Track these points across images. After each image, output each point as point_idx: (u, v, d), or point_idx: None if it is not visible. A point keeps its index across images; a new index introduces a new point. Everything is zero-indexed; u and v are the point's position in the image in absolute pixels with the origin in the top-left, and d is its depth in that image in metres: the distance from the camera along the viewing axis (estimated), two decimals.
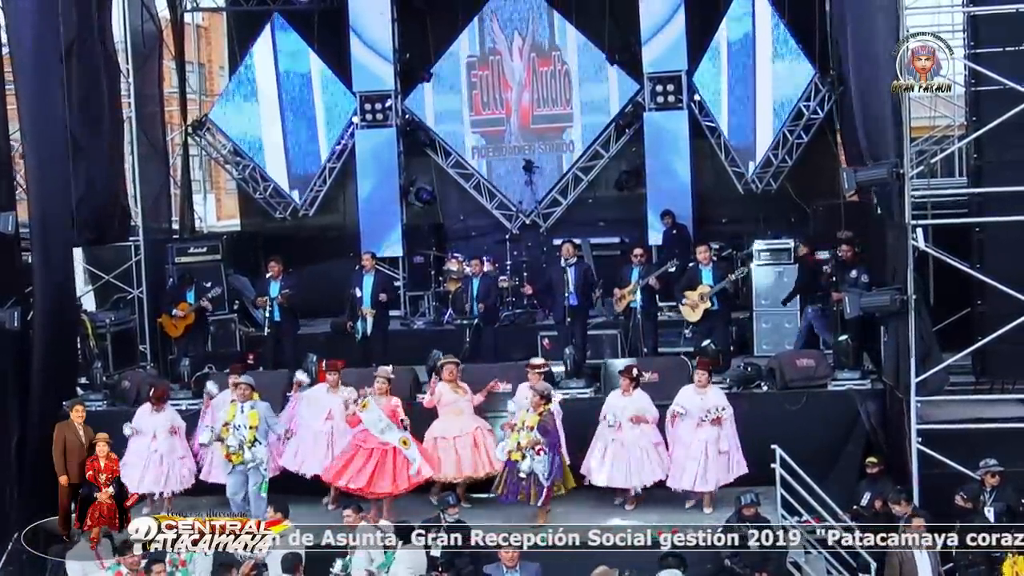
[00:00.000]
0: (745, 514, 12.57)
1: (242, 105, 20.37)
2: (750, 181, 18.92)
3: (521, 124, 20.91)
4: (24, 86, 15.40)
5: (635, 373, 14.07)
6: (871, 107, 13.98)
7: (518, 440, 13.33)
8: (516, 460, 13.31)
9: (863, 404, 14.60)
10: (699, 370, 13.99)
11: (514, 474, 13.37)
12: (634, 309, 16.22)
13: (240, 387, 13.87)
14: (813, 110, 18.33)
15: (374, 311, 16.69)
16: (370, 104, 20.78)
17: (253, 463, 13.70)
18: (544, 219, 20.81)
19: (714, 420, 13.69)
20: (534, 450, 13.20)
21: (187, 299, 17.42)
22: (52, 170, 15.93)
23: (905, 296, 13.23)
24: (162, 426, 14.71)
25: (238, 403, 13.80)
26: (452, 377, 14.25)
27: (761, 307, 17.26)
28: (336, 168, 21.08)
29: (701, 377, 13.92)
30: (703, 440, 13.75)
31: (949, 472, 13.45)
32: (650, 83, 19.97)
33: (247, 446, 13.65)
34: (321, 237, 21.18)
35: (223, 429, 13.77)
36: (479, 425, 14.28)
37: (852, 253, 15.89)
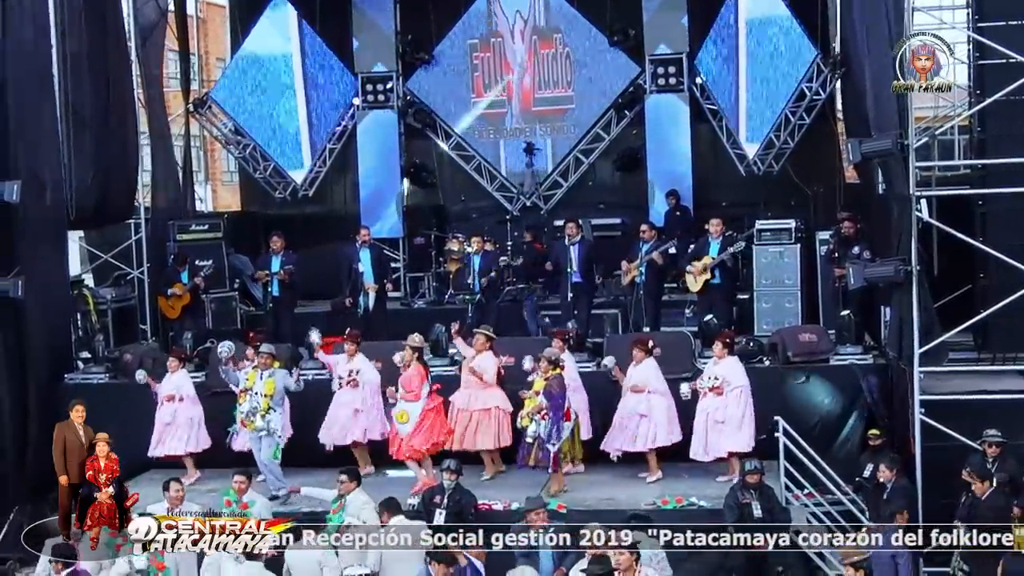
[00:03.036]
0: (749, 481, 12.57)
1: (243, 85, 20.31)
2: (751, 163, 18.93)
3: (522, 106, 20.92)
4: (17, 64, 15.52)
5: (650, 344, 14.22)
6: (878, 78, 13.98)
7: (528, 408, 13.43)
8: (525, 426, 13.41)
9: (865, 379, 14.64)
10: (717, 341, 14.08)
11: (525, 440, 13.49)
12: (638, 285, 16.26)
13: (262, 356, 13.93)
14: (815, 91, 18.31)
15: (376, 285, 16.73)
16: (371, 85, 20.83)
17: (265, 430, 13.72)
18: (545, 201, 20.81)
19: (712, 389, 13.74)
20: (539, 414, 13.26)
21: (181, 279, 17.45)
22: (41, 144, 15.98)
23: (908, 267, 13.25)
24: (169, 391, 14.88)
25: (258, 371, 13.84)
26: (482, 347, 14.29)
27: (762, 287, 17.24)
28: (336, 149, 21.08)
29: (717, 349, 13.99)
30: (704, 411, 13.85)
31: (951, 445, 13.48)
32: (651, 66, 20.04)
33: (260, 413, 13.67)
34: (321, 219, 21.18)
35: (241, 395, 13.80)
36: (499, 402, 14.28)
37: (854, 229, 15.94)
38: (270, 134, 20.50)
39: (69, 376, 16.27)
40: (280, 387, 13.87)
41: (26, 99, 15.74)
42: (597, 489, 13.97)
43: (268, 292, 17.41)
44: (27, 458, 15.20)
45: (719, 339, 14.14)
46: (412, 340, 14.14)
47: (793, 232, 17.23)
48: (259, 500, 12.97)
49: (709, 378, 13.87)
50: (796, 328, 15.65)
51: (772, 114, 18.54)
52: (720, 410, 13.79)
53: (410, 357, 13.93)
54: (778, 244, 17.26)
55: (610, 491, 13.88)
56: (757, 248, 17.21)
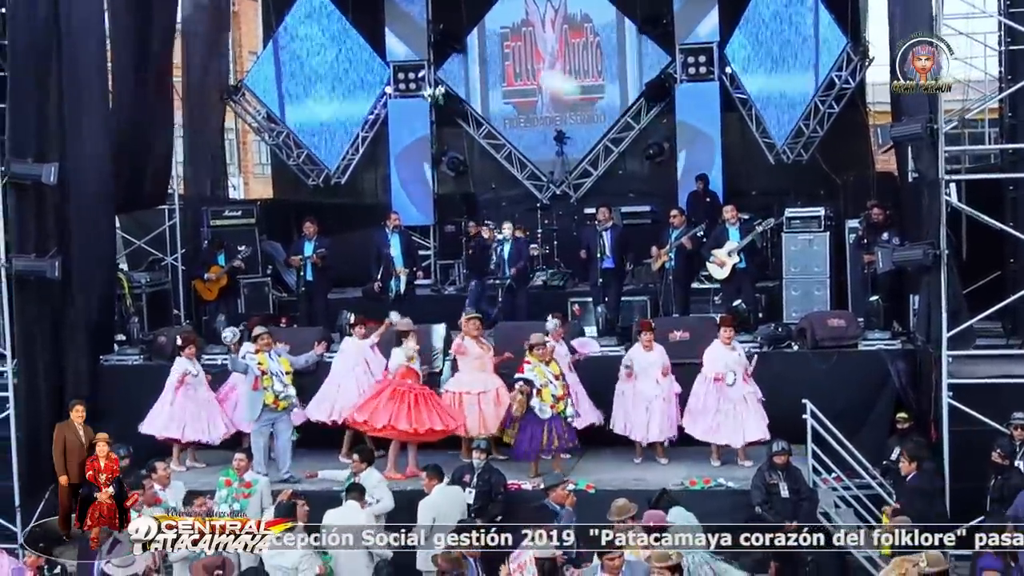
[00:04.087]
0: (776, 462, 12.65)
1: (276, 73, 20.54)
2: (781, 152, 18.97)
3: (553, 95, 21.02)
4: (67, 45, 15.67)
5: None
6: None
7: (552, 394, 13.47)
8: (560, 411, 13.48)
9: (893, 363, 14.67)
10: (724, 327, 14.09)
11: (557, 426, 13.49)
12: (668, 270, 16.36)
13: (262, 337, 14.07)
14: (845, 80, 18.38)
15: (407, 269, 16.90)
16: (403, 74, 20.96)
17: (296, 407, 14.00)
18: (574, 189, 20.92)
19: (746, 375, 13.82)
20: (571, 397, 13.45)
21: (218, 262, 17.62)
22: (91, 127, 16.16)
23: (937, 251, 13.31)
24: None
25: (264, 352, 13.98)
26: (476, 332, 14.32)
27: (791, 274, 17.26)
28: (368, 138, 21.24)
29: (727, 334, 14.02)
30: (741, 396, 13.87)
31: (979, 429, 13.52)
32: (682, 55, 20.09)
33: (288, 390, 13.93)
34: (352, 206, 21.34)
35: (264, 379, 13.91)
36: (500, 383, 14.29)
37: (884, 216, 15.98)
38: (303, 121, 20.69)
39: (104, 358, 16.46)
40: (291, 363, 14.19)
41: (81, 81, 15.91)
42: (626, 471, 14.09)
43: (301, 277, 17.57)
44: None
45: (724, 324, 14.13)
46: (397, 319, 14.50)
47: (823, 220, 17.25)
48: (261, 479, 13.12)
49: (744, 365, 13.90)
50: (824, 313, 15.70)
51: (802, 103, 18.62)
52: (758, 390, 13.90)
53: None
54: (807, 232, 17.28)
55: (639, 472, 14.00)
56: (786, 236, 17.24)
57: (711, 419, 13.96)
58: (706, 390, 13.99)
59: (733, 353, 13.96)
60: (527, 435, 13.56)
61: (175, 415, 14.80)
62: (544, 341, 13.71)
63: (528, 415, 13.48)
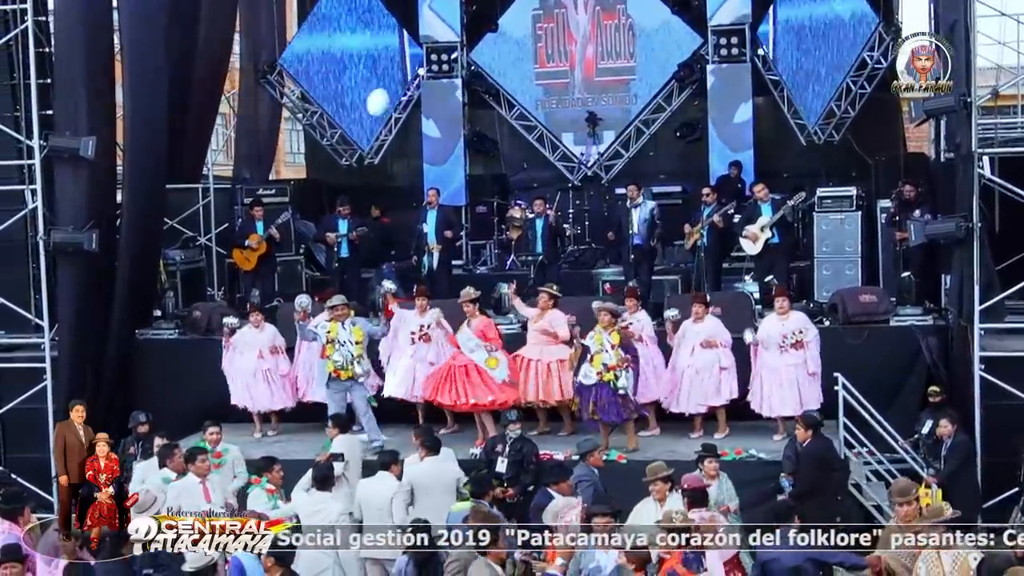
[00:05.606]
0: None
1: (311, 52, 20.71)
2: (812, 133, 18.98)
3: (585, 76, 21.10)
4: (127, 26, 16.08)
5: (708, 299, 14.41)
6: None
7: (603, 362, 13.51)
8: (609, 380, 13.47)
9: (925, 339, 14.70)
10: (778, 297, 14.16)
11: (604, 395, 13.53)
12: (699, 248, 16.43)
13: (337, 307, 14.18)
14: (876, 60, 18.36)
15: (440, 246, 17.01)
16: (436, 55, 21.00)
17: (362, 377, 14.09)
18: (606, 171, 20.95)
19: (795, 344, 13.83)
20: (623, 367, 13.44)
21: (257, 230, 17.73)
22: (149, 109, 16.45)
23: (970, 224, 13.33)
24: (265, 344, 15.19)
25: (338, 322, 14.09)
26: (546, 306, 14.45)
27: (822, 254, 17.27)
28: (401, 119, 21.35)
29: (782, 304, 14.07)
30: (790, 365, 13.90)
31: (1010, 404, 13.56)
32: (713, 36, 20.07)
33: (356, 361, 14.00)
34: (385, 187, 21.46)
35: (328, 347, 14.06)
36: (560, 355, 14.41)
37: (915, 193, 15.99)
38: (337, 102, 20.85)
39: (140, 332, 16.66)
40: (366, 333, 14.22)
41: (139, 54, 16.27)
42: (657, 444, 14.16)
43: (334, 255, 17.69)
44: (98, 405, 15.54)
45: (779, 295, 14.22)
46: (467, 293, 14.40)
47: (855, 199, 17.23)
48: (232, 448, 13.31)
49: (793, 333, 13.94)
50: (856, 289, 15.72)
51: (833, 83, 18.62)
52: (811, 362, 13.89)
53: (472, 309, 14.18)
54: (839, 211, 17.28)
55: (671, 445, 14.07)
56: (818, 215, 17.24)
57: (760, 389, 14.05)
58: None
59: (780, 325, 14.00)
60: (580, 401, 13.77)
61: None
62: (608, 308, 13.76)
63: (577, 381, 13.68)
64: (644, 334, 14.29)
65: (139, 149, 16.21)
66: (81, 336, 15.65)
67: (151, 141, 16.51)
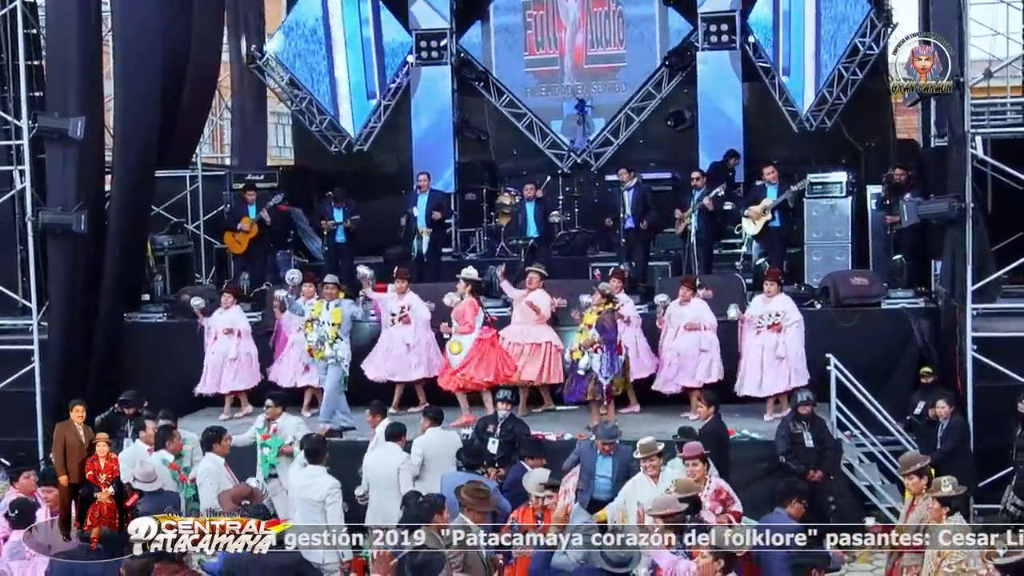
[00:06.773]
0: (801, 412, 12.66)
1: (299, 39, 20.62)
2: (803, 120, 18.96)
3: (574, 64, 21.07)
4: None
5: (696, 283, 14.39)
6: (939, 20, 14.05)
7: (580, 341, 13.56)
8: (577, 359, 13.52)
9: (916, 322, 14.69)
10: (767, 280, 14.16)
11: (575, 373, 13.60)
12: (690, 232, 16.41)
13: (327, 286, 14.19)
14: (868, 46, 18.34)
15: (430, 230, 16.98)
16: (425, 42, 20.94)
17: (333, 359, 13.97)
18: (595, 158, 20.93)
19: (771, 326, 13.82)
20: (592, 348, 13.40)
21: (248, 213, 17.64)
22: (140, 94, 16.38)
23: (963, 204, 13.32)
24: (223, 325, 15.20)
25: (324, 301, 14.08)
26: (534, 286, 14.45)
27: (812, 240, 17.25)
28: (391, 105, 21.28)
29: (770, 287, 14.08)
30: (760, 346, 13.91)
31: (1002, 385, 13.55)
32: (703, 23, 20.04)
33: (328, 342, 13.92)
34: (375, 174, 21.36)
35: (307, 325, 14.06)
36: (550, 337, 14.45)
37: (906, 177, 16.00)
38: (326, 88, 20.79)
39: (128, 315, 16.57)
40: (347, 316, 14.13)
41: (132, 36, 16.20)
42: (650, 425, 14.10)
43: (327, 241, 17.64)
44: (87, 392, 15.43)
45: (769, 277, 14.23)
46: (467, 273, 14.35)
47: (845, 186, 17.21)
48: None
49: (769, 315, 13.95)
50: (848, 272, 15.74)
51: (825, 70, 18.59)
52: (780, 346, 13.89)
53: (463, 289, 14.15)
54: (829, 197, 17.28)
55: (664, 426, 14.00)
56: (808, 201, 17.20)
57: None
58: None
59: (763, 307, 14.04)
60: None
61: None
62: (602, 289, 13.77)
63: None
64: (627, 313, 14.29)
65: (129, 134, 16.15)
66: (70, 319, 15.54)
67: (141, 126, 16.45)
